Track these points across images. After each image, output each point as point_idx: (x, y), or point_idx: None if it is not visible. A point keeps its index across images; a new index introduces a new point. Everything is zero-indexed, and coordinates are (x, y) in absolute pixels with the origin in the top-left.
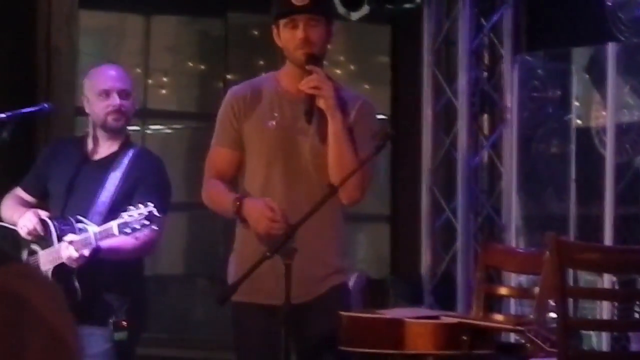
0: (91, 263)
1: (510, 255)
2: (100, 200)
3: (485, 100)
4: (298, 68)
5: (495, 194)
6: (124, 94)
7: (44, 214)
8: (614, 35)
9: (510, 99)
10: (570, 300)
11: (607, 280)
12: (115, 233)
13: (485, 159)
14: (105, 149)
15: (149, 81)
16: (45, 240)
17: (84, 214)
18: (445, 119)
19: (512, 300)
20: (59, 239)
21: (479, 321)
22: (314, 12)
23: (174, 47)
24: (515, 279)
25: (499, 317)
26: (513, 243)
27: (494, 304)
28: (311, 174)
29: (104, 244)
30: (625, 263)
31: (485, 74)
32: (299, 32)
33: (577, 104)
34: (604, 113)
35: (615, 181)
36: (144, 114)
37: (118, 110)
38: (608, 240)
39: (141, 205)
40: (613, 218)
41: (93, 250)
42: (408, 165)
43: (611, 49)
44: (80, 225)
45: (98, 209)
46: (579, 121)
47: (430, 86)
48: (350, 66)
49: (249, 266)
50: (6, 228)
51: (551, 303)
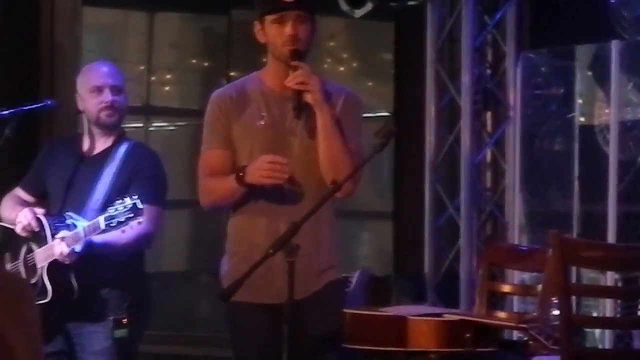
0: (88, 260)
1: (513, 253)
2: (96, 196)
3: (489, 97)
4: (282, 65)
5: (499, 191)
6: (115, 90)
7: (39, 212)
8: (617, 33)
9: (514, 97)
10: (573, 298)
11: (610, 278)
12: (102, 227)
13: (488, 157)
14: (100, 145)
15: (152, 78)
16: (41, 238)
17: (81, 210)
18: (449, 116)
19: (515, 298)
20: (53, 236)
21: (482, 318)
22: (302, 9)
23: (177, 44)
24: (518, 276)
25: (501, 315)
26: (516, 240)
27: (496, 301)
28: (302, 170)
29: (97, 239)
30: (629, 260)
31: (488, 72)
32: (287, 29)
33: (581, 101)
34: (607, 111)
35: (619, 179)
36: (147, 111)
37: (110, 106)
38: (611, 237)
39: (127, 198)
40: (616, 215)
41: (85, 246)
42: (411, 162)
43: (615, 47)
44: (70, 221)
45: (94, 205)
46: (582, 119)
47: (434, 83)
48: (354, 63)
49: (244, 264)
50: (6, 228)
51: (554, 300)
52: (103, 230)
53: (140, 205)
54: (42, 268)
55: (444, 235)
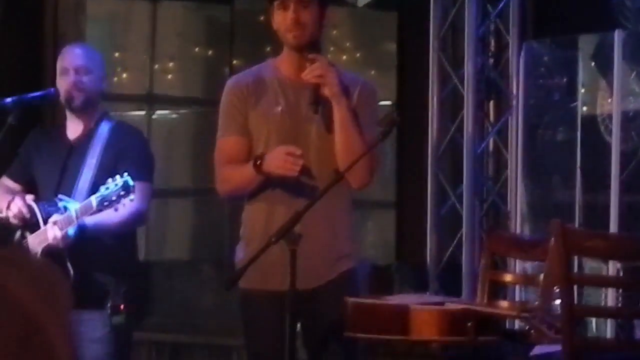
0: (83, 244)
1: (515, 242)
2: (83, 178)
3: (491, 87)
4: (295, 52)
5: (501, 181)
6: (81, 70)
7: (29, 198)
8: (620, 23)
9: (516, 86)
10: (575, 288)
11: (612, 268)
12: (94, 207)
13: (491, 146)
14: (82, 128)
15: (156, 67)
16: (33, 224)
17: (70, 193)
18: (451, 106)
19: (517, 287)
20: (45, 221)
21: (484, 308)
22: None
23: (180, 33)
24: (520, 266)
25: (503, 304)
26: (518, 230)
27: (498, 290)
28: (318, 158)
29: (89, 220)
30: (631, 250)
31: (491, 61)
32: (289, 14)
33: (583, 91)
34: (610, 100)
35: (621, 168)
36: (151, 99)
37: (73, 87)
38: (613, 227)
39: (118, 176)
40: (618, 205)
41: (78, 229)
42: (414, 152)
43: (617, 36)
44: (62, 204)
45: (82, 187)
46: (585, 108)
47: (436, 73)
48: (357, 53)
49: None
50: None
51: (556, 290)
52: (96, 210)
53: (132, 182)
54: (36, 254)
55: (446, 225)
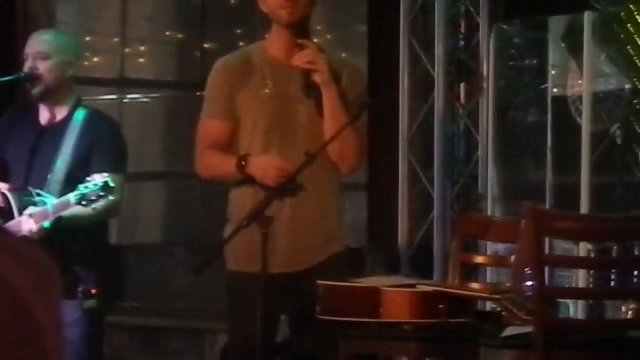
0: (55, 235)
1: (486, 224)
2: (57, 168)
3: (462, 69)
4: (285, 32)
5: (472, 162)
6: (39, 56)
7: (3, 187)
8: (590, 4)
9: (487, 68)
10: (546, 269)
11: (583, 249)
12: (72, 204)
13: (461, 128)
14: (56, 114)
15: (127, 50)
16: (6, 213)
17: (43, 182)
18: (422, 88)
19: (488, 269)
20: (20, 212)
21: (456, 289)
22: None
23: (151, 16)
24: (491, 247)
25: (475, 286)
26: (489, 211)
27: (470, 272)
28: (307, 139)
29: (65, 215)
30: (602, 231)
31: (461, 43)
32: None
33: (554, 72)
34: (580, 81)
35: (591, 150)
36: (122, 83)
37: (30, 74)
38: (584, 208)
39: (97, 175)
40: (589, 186)
41: (54, 222)
42: (385, 134)
43: (587, 18)
44: (39, 199)
45: (56, 177)
46: (555, 90)
47: (407, 55)
48: (327, 35)
49: (244, 232)
50: None
51: (527, 271)
52: (73, 207)
53: (112, 184)
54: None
55: (417, 207)
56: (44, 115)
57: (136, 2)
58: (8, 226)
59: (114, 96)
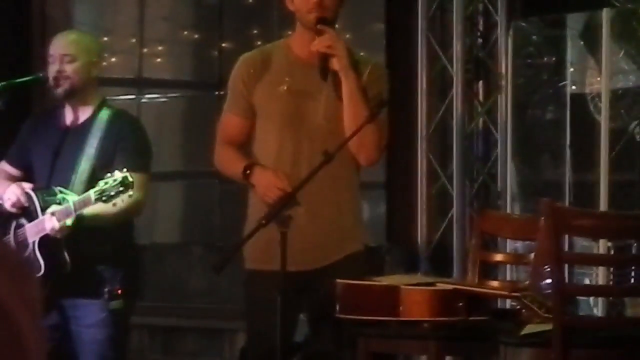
0: (80, 233)
1: (505, 222)
2: (81, 168)
3: (480, 67)
4: (309, 32)
5: (491, 160)
6: (66, 59)
7: (27, 186)
8: (608, 1)
9: (505, 66)
10: (565, 266)
11: (603, 246)
12: (93, 201)
13: (480, 126)
14: (81, 114)
15: (144, 50)
16: (30, 212)
17: (66, 183)
18: (440, 86)
19: (508, 267)
20: (43, 211)
21: (475, 288)
22: None
23: (168, 16)
24: (510, 245)
25: (494, 284)
26: (508, 209)
27: (489, 270)
28: (324, 139)
29: (86, 211)
30: (621, 228)
31: (480, 41)
32: None
33: (572, 70)
34: (598, 79)
35: (610, 147)
36: (140, 83)
37: (56, 76)
38: (603, 206)
39: (117, 171)
40: (608, 184)
41: (76, 220)
42: (403, 132)
43: (606, 15)
44: (61, 196)
45: (79, 177)
46: (573, 87)
47: (425, 53)
48: (346, 34)
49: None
50: None
51: (546, 269)
52: (94, 204)
53: (131, 179)
54: (34, 243)
55: (436, 205)
56: (69, 116)
57: (153, 3)
58: (32, 225)
59: (132, 96)
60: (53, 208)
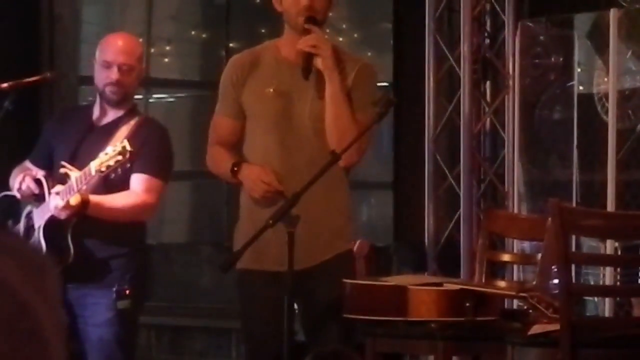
0: (90, 228)
1: (513, 222)
2: None
3: (488, 67)
4: (297, 33)
5: (498, 160)
6: (125, 67)
7: (40, 174)
8: (616, 1)
9: (513, 66)
10: (573, 266)
11: (610, 246)
12: (93, 173)
13: (487, 126)
14: (110, 116)
15: (152, 50)
16: (41, 198)
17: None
18: (448, 86)
19: (515, 267)
20: (50, 194)
21: (482, 288)
22: None
23: (176, 16)
24: (518, 245)
25: (501, 284)
26: (516, 209)
27: (496, 270)
28: (311, 139)
29: (92, 198)
30: (628, 228)
31: (487, 41)
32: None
33: (580, 70)
34: (606, 79)
35: (618, 147)
36: (147, 83)
37: (115, 83)
38: (611, 206)
39: (117, 142)
40: (615, 184)
41: (81, 202)
42: (411, 132)
43: (613, 15)
44: (63, 170)
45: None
46: (581, 87)
47: (433, 53)
48: (353, 34)
49: (248, 234)
50: (12, 195)
51: (554, 269)
52: (94, 176)
53: (129, 148)
54: (39, 227)
55: (444, 205)
56: (97, 114)
57: (161, 2)
58: (40, 209)
59: (140, 96)
60: (57, 188)
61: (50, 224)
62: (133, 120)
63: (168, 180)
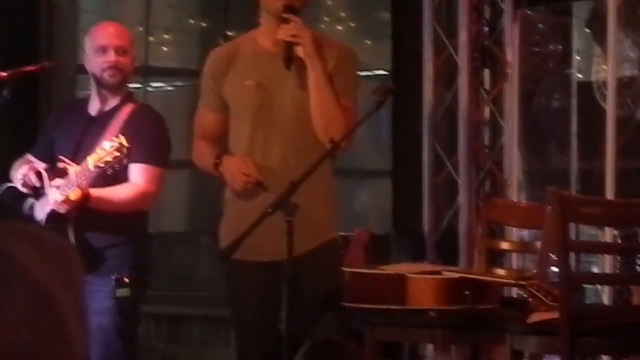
0: (90, 216)
1: (512, 210)
2: None
3: (486, 55)
4: (275, 21)
5: (497, 148)
6: (120, 50)
7: (40, 167)
8: None
9: (512, 54)
10: (572, 255)
11: (609, 234)
12: (90, 168)
13: (486, 114)
14: (106, 105)
15: (150, 39)
16: (41, 191)
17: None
18: (447, 74)
19: (514, 255)
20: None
21: (481, 276)
22: None
23: (174, 4)
24: (517, 233)
25: (501, 272)
26: (515, 198)
27: (496, 258)
28: (294, 129)
29: (93, 192)
30: (627, 216)
31: (486, 29)
32: None
33: (578, 58)
34: (604, 67)
35: (617, 135)
36: (146, 72)
37: (114, 66)
38: (609, 194)
39: (114, 137)
40: (614, 172)
41: (82, 197)
42: (409, 121)
43: (612, 3)
44: (62, 165)
45: None
46: (580, 75)
47: (431, 41)
48: (351, 22)
49: (242, 225)
50: (14, 187)
51: (553, 257)
52: (92, 171)
53: (126, 143)
54: (41, 221)
55: (442, 193)
56: (94, 106)
57: None
58: (40, 202)
59: (138, 85)
60: (57, 182)
61: (52, 217)
62: (128, 108)
63: (167, 167)
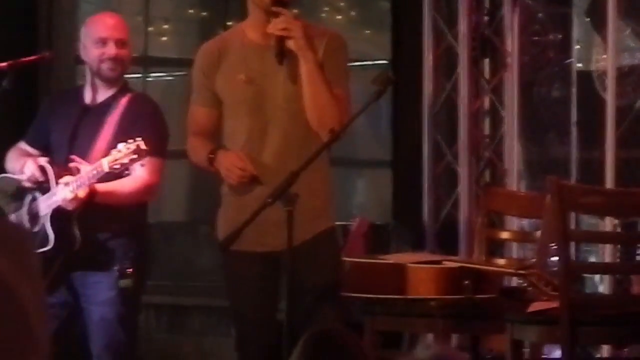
0: (92, 209)
1: (512, 199)
2: (99, 146)
3: (486, 45)
4: (263, 14)
5: (497, 138)
6: (120, 43)
7: (43, 161)
8: None
9: (511, 44)
10: (572, 244)
11: (609, 224)
12: (106, 169)
13: (486, 104)
14: (102, 95)
15: (150, 29)
16: (45, 186)
17: (84, 160)
18: (446, 64)
19: (514, 244)
20: (57, 183)
21: (481, 265)
22: None
23: None
24: (517, 222)
25: (501, 262)
26: (515, 187)
27: (495, 248)
28: (286, 121)
29: (100, 187)
30: (627, 206)
31: (486, 19)
32: None
33: (578, 47)
34: (604, 56)
35: (617, 124)
36: (145, 62)
37: (114, 59)
38: (609, 183)
39: (130, 140)
40: (614, 161)
41: (89, 193)
42: (409, 110)
43: None
44: (74, 165)
45: (96, 155)
46: (579, 65)
47: (431, 31)
48: (351, 12)
49: (240, 216)
50: (11, 178)
51: (553, 247)
52: (107, 173)
53: (144, 147)
54: (46, 216)
55: (442, 183)
56: (88, 95)
57: None
58: (45, 197)
59: (138, 75)
60: (66, 179)
61: (57, 213)
62: (125, 98)
63: (166, 156)
